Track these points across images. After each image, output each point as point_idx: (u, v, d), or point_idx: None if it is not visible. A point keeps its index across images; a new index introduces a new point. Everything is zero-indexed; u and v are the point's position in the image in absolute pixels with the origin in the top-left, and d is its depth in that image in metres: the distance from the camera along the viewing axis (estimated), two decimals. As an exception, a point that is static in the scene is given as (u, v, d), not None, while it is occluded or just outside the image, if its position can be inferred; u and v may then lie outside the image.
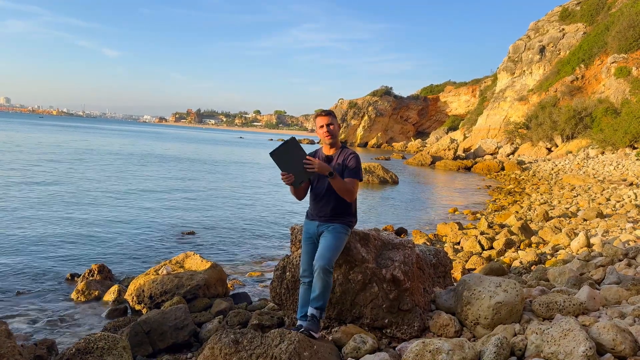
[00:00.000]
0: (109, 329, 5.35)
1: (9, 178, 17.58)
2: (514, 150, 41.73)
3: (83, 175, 20.47)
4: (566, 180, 22.27)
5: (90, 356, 3.99)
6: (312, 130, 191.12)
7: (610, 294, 4.46)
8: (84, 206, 13.40)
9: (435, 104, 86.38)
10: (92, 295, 6.62)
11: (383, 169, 24.20)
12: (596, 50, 42.61)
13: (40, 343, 4.76)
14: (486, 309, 3.99)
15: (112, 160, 29.23)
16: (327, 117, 3.98)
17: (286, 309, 4.63)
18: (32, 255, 8.56)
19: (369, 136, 79.82)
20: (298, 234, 4.62)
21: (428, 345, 3.29)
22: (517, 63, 55.89)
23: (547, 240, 9.90)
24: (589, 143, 32.21)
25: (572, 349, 3.08)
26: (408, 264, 4.28)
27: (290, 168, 3.65)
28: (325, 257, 3.78)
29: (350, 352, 3.71)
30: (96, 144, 44.46)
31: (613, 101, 34.50)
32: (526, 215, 13.65)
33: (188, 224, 11.89)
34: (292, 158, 3.64)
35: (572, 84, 42.45)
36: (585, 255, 7.00)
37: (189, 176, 23.36)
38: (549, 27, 54.92)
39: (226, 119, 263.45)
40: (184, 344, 4.92)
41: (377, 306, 4.14)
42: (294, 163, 3.64)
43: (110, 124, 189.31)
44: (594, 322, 3.67)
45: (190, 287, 6.18)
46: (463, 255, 8.90)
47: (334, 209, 3.96)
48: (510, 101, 52.10)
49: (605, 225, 10.39)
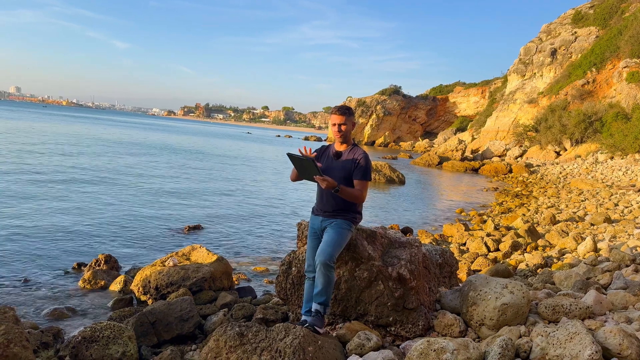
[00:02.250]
0: (114, 318, 5.39)
1: (18, 166, 17.71)
2: (522, 152, 41.49)
3: (92, 165, 20.58)
4: (574, 185, 22.13)
5: (95, 344, 4.03)
6: (319, 127, 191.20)
7: (617, 299, 4.43)
8: (92, 197, 13.47)
9: (444, 105, 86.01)
10: (99, 284, 6.67)
11: (390, 168, 24.15)
12: (608, 54, 42.24)
13: (46, 330, 4.80)
14: (492, 310, 3.98)
15: (121, 151, 29.35)
16: (342, 117, 3.99)
17: (291, 304, 4.65)
18: (40, 243, 8.63)
19: (377, 135, 79.62)
20: (304, 229, 4.63)
21: (432, 344, 3.29)
22: (527, 65, 55.52)
23: (554, 244, 9.85)
24: (598, 148, 31.98)
25: (577, 353, 3.07)
26: (414, 262, 4.28)
27: (300, 171, 3.84)
28: (326, 253, 3.79)
29: (354, 349, 3.71)
30: (107, 135, 44.67)
31: (624, 106, 34.21)
32: (533, 218, 13.58)
33: (195, 217, 11.94)
34: (305, 167, 3.77)
35: (582, 87, 42.12)
36: (592, 259, 6.97)
37: (197, 170, 23.42)
38: (561, 29, 54.51)
39: (234, 114, 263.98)
40: (189, 336, 4.94)
41: (382, 304, 4.14)
42: (305, 170, 3.79)
43: (120, 115, 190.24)
44: (600, 326, 3.65)
45: (196, 279, 6.20)
46: (469, 256, 8.88)
47: (338, 204, 3.97)
48: (520, 103, 51.78)
49: (613, 230, 10.32)
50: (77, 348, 3.98)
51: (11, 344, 3.30)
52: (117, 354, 4.03)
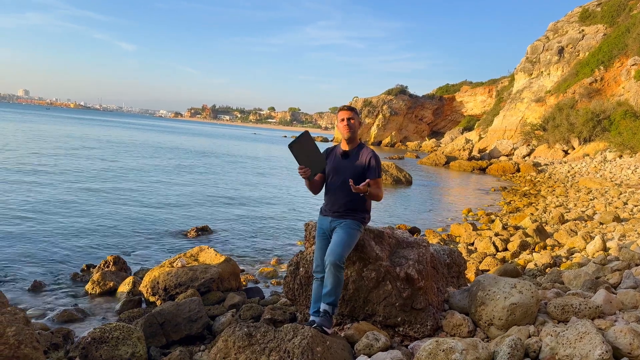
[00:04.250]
0: (123, 319, 5.42)
1: (27, 167, 17.85)
2: (530, 151, 41.26)
3: (100, 167, 20.70)
4: (582, 183, 21.99)
5: (105, 345, 4.05)
6: (325, 127, 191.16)
7: (627, 298, 4.40)
8: (101, 198, 13.55)
9: (451, 104, 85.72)
10: (107, 286, 6.70)
11: (397, 168, 24.10)
12: (616, 52, 41.92)
13: (56, 331, 4.83)
14: (500, 310, 3.96)
15: (129, 152, 29.51)
16: (349, 112, 4.05)
17: (299, 304, 4.65)
18: (49, 246, 8.70)
19: (383, 135, 79.48)
20: (312, 230, 4.63)
21: (441, 344, 3.28)
22: (535, 64, 55.22)
23: (563, 243, 9.79)
24: (607, 146, 31.74)
25: (587, 352, 3.06)
26: (422, 262, 4.27)
27: (305, 161, 3.78)
28: (336, 253, 3.79)
29: (363, 349, 3.71)
30: (113, 136, 44.91)
31: (632, 104, 33.94)
32: (541, 217, 13.51)
33: (203, 218, 11.98)
34: (307, 151, 3.77)
35: (590, 86, 41.84)
36: (602, 259, 6.92)
37: (204, 171, 23.50)
38: (568, 27, 54.17)
39: (241, 115, 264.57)
40: (198, 336, 4.96)
41: (390, 304, 4.14)
42: (309, 156, 3.78)
43: (127, 117, 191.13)
44: (610, 325, 3.63)
45: (204, 280, 6.22)
46: (477, 256, 8.85)
47: (347, 204, 3.98)
48: (527, 102, 51.51)
49: (622, 229, 10.25)
50: (87, 349, 4.01)
51: (22, 345, 3.33)
52: (126, 354, 4.05)
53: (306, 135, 3.79)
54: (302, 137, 3.75)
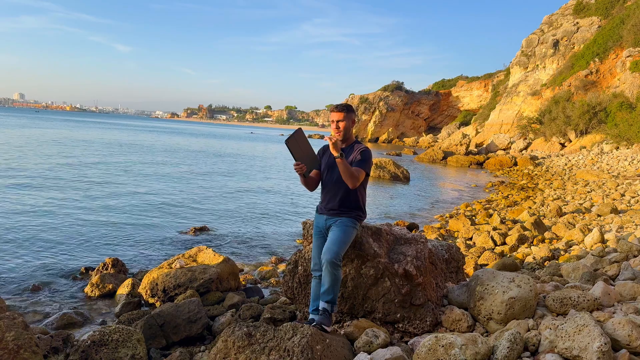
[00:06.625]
0: (123, 321, 5.41)
1: (25, 171, 17.80)
2: (526, 145, 41.33)
3: (96, 169, 20.65)
4: (580, 176, 22.04)
5: (105, 348, 4.05)
6: (322, 125, 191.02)
7: (625, 290, 4.41)
8: (98, 201, 13.52)
9: (447, 99, 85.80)
10: (106, 288, 6.69)
11: (394, 165, 24.11)
12: (611, 44, 41.99)
13: (56, 335, 4.82)
14: (499, 304, 3.97)
15: (125, 154, 29.44)
16: (340, 114, 3.99)
17: (298, 303, 4.65)
18: (47, 249, 8.68)
19: (380, 131, 79.53)
20: (310, 228, 4.63)
21: (441, 340, 3.29)
22: (530, 57, 55.29)
23: (561, 236, 9.81)
24: (603, 138, 31.81)
25: (586, 345, 3.06)
26: (420, 258, 4.27)
27: (301, 157, 3.80)
28: (332, 251, 3.79)
29: (363, 346, 3.71)
30: (111, 139, 44.83)
31: (628, 96, 34.02)
32: (539, 210, 13.53)
33: (200, 219, 11.97)
34: (302, 147, 3.78)
35: (586, 78, 41.91)
36: (600, 251, 6.93)
37: (201, 171, 23.47)
38: (563, 20, 54.22)
39: (237, 114, 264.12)
40: (197, 337, 4.96)
41: (389, 301, 4.14)
42: (304, 152, 3.79)
43: (123, 119, 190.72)
44: (608, 317, 3.64)
45: (203, 280, 6.22)
46: (475, 251, 8.87)
47: (341, 201, 3.97)
48: (524, 96, 51.60)
49: (620, 221, 10.27)
50: (87, 352, 4.01)
51: (21, 350, 3.32)
52: (126, 357, 4.04)
53: (299, 132, 3.82)
54: (296, 134, 3.78)
